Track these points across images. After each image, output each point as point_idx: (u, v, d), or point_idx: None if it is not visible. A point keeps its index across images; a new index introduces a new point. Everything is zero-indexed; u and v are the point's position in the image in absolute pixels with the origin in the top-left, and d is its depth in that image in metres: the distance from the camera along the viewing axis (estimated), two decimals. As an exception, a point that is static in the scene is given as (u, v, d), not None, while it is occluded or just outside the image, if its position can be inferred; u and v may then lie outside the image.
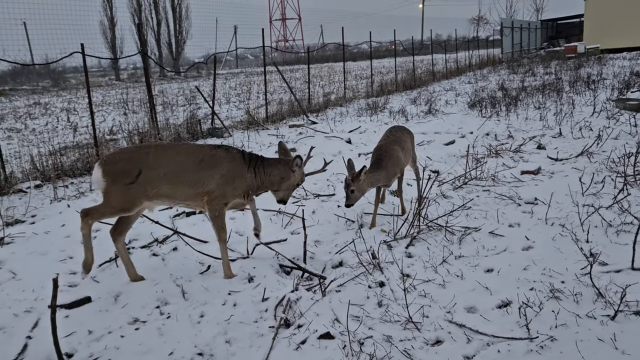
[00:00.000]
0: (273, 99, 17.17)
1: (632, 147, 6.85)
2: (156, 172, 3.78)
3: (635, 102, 10.00)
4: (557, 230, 4.50)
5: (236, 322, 3.37)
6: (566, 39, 43.60)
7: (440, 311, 3.34)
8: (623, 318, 3.12)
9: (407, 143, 5.35)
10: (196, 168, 3.91)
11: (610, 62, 24.73)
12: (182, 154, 4.02)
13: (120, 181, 3.72)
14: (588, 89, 13.83)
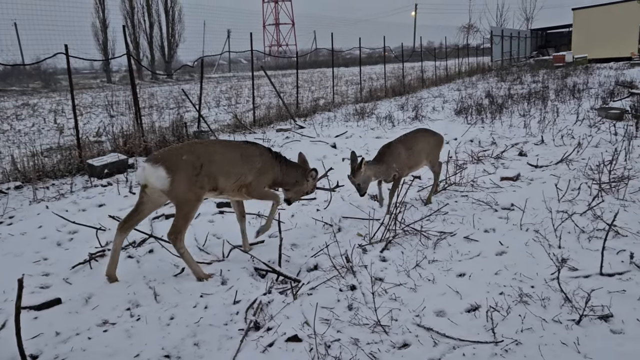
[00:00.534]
0: (263, 103, 17.21)
1: (610, 155, 6.92)
2: (214, 166, 4.04)
3: (616, 111, 10.13)
4: (531, 236, 4.54)
5: (206, 325, 3.37)
6: (555, 48, 44.06)
7: (409, 315, 3.36)
8: (588, 322, 3.15)
9: (418, 145, 5.55)
10: (240, 162, 4.25)
11: (597, 71, 25.03)
12: (228, 148, 4.32)
13: (188, 173, 3.87)
14: (573, 97, 13.98)
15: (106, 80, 41.47)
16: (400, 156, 5.33)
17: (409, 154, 5.43)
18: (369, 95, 18.03)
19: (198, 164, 3.93)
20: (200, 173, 3.93)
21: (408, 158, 5.43)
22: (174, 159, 3.88)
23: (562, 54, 31.88)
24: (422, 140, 5.64)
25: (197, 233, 5.03)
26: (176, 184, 3.83)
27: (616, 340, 2.96)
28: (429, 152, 5.68)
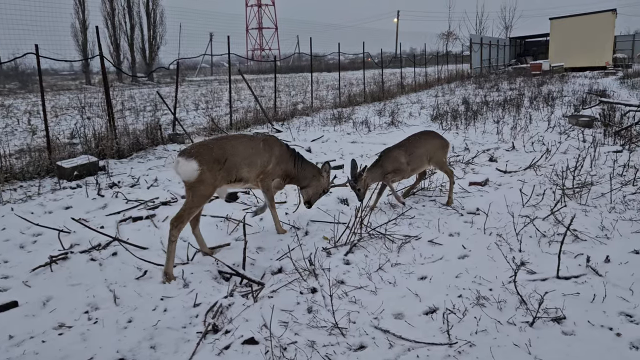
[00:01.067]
0: (242, 106, 17.17)
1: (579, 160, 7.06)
2: (237, 158, 4.47)
3: (586, 118, 10.35)
4: (494, 240, 4.61)
5: (164, 328, 3.34)
6: (534, 56, 44.86)
7: (368, 317, 3.38)
8: (541, 324, 3.21)
9: (420, 149, 5.69)
10: (261, 150, 4.69)
11: (572, 80, 25.54)
12: (249, 141, 4.69)
13: (214, 168, 4.26)
14: (547, 105, 14.24)
15: (85, 82, 40.93)
16: (398, 159, 5.55)
17: (409, 158, 5.61)
18: (348, 101, 18.12)
19: (223, 160, 4.35)
20: (222, 168, 4.34)
21: (409, 162, 5.61)
22: (205, 154, 4.25)
23: (539, 63, 32.50)
24: (424, 143, 5.75)
25: (163, 235, 5.00)
26: (202, 176, 4.19)
27: (566, 342, 3.02)
28: (431, 155, 5.76)
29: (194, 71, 59.04)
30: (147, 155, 9.35)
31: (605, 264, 4.00)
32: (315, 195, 5.21)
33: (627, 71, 28.79)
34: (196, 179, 4.17)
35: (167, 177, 7.56)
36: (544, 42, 44.43)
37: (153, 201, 6.15)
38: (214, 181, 4.29)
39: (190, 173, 4.16)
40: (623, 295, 3.51)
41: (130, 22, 46.47)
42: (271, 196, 4.92)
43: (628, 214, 5.09)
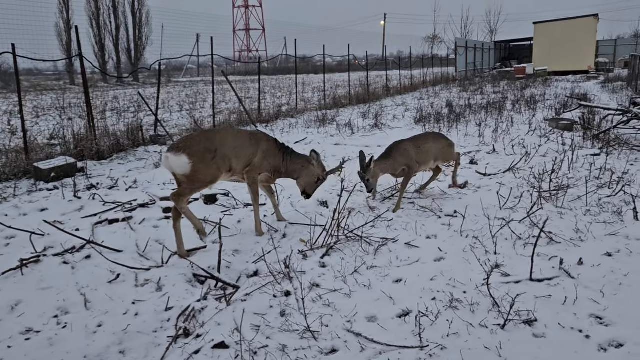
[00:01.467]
0: (227, 108, 17.10)
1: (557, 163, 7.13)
2: (226, 148, 4.61)
3: (566, 122, 10.46)
4: (470, 242, 4.63)
5: (134, 332, 3.30)
6: (518, 60, 45.33)
7: (340, 320, 3.37)
8: (513, 327, 3.22)
9: (427, 145, 5.89)
10: (249, 144, 4.82)
11: (555, 83, 25.84)
12: (237, 133, 4.93)
13: (206, 158, 4.45)
14: (529, 108, 14.38)
15: (69, 82, 40.47)
16: (407, 152, 5.71)
17: (417, 151, 5.79)
18: (333, 103, 18.13)
19: (213, 149, 4.51)
20: (215, 157, 4.51)
21: (417, 155, 5.78)
22: (194, 146, 4.44)
23: (523, 66, 32.84)
24: (431, 140, 5.98)
25: (139, 238, 4.95)
26: (196, 168, 4.39)
27: (536, 345, 3.04)
28: (437, 153, 5.97)
29: (180, 72, 58.71)
30: (127, 157, 9.25)
31: (578, 267, 4.04)
32: (309, 185, 5.17)
33: (609, 75, 29.24)
34: (190, 171, 4.39)
35: (146, 178, 7.49)
36: (528, 46, 44.91)
37: (131, 203, 6.07)
38: (211, 169, 4.49)
39: (182, 167, 4.37)
40: (594, 298, 3.54)
41: (115, 22, 46.10)
42: (255, 190, 4.95)
43: (602, 217, 5.14)
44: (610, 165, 7.22)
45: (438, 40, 58.56)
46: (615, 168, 7.01)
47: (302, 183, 5.18)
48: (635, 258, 4.17)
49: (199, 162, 4.40)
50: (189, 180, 4.45)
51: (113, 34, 46.06)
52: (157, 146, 10.09)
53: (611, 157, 7.91)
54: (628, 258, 4.18)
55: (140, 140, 10.14)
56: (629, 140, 9.03)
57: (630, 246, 4.40)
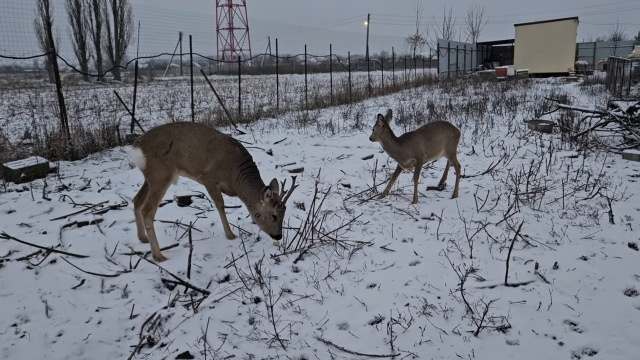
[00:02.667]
0: (208, 107, 16.89)
1: (534, 166, 7.14)
2: (182, 144, 4.42)
3: (545, 123, 10.51)
4: (446, 246, 4.57)
5: (96, 341, 3.16)
6: (500, 62, 45.73)
7: (311, 328, 3.27)
8: (486, 334, 3.16)
9: (437, 136, 6.01)
10: (205, 148, 4.52)
11: (535, 85, 26.08)
12: (200, 133, 4.57)
13: (159, 152, 4.31)
14: (509, 110, 14.45)
15: (49, 80, 39.75)
16: (418, 144, 5.80)
17: (428, 143, 5.89)
18: (315, 103, 18.04)
19: (168, 143, 4.36)
20: (169, 151, 4.35)
21: (427, 147, 5.89)
22: (149, 140, 4.34)
23: (505, 68, 33.11)
24: (442, 131, 6.07)
25: (108, 242, 4.79)
26: (149, 163, 4.30)
27: (510, 352, 2.98)
28: (447, 143, 6.10)
29: (163, 70, 58.10)
30: (102, 157, 9.04)
31: (554, 271, 4.00)
32: (268, 227, 4.48)
33: (588, 78, 29.63)
34: (145, 166, 4.32)
35: (120, 179, 7.31)
36: (509, 48, 45.35)
37: (102, 205, 5.91)
38: (164, 165, 4.35)
39: (138, 160, 4.33)
40: (568, 303, 3.49)
41: (96, 20, 45.46)
42: (215, 196, 4.71)
43: (579, 220, 5.13)
44: (588, 167, 7.24)
45: (420, 41, 58.85)
46: (592, 170, 7.03)
47: (252, 215, 4.60)
48: (610, 262, 4.15)
49: (152, 157, 4.30)
50: (147, 179, 4.39)
51: (94, 32, 45.42)
52: (133, 146, 9.89)
53: (588, 159, 7.95)
54: (603, 262, 4.16)
55: (116, 140, 9.92)
56: (606, 142, 9.10)
57: (605, 250, 4.38)
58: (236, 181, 4.60)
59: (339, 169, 7.67)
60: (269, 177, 7.34)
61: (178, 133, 4.45)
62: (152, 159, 4.29)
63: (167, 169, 4.38)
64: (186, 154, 4.46)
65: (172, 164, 4.40)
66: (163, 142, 4.36)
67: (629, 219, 5.12)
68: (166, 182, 4.42)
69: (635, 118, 9.24)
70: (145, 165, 4.31)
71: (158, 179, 4.35)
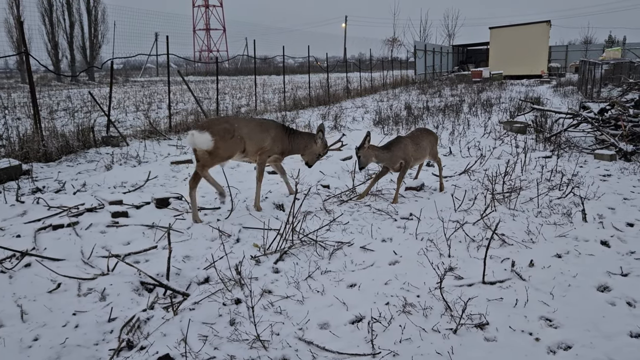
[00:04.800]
0: (185, 108, 16.73)
1: (510, 166, 7.27)
2: (243, 131, 5.50)
3: (520, 124, 10.72)
4: (425, 245, 4.62)
5: (73, 346, 3.11)
6: (475, 64, 46.41)
7: (292, 328, 3.28)
8: (465, 331, 3.21)
9: (423, 141, 6.32)
10: (259, 129, 5.69)
11: (510, 87, 26.55)
12: (249, 120, 5.88)
13: (226, 137, 5.33)
14: (484, 111, 14.69)
15: (20, 80, 38.85)
16: (407, 148, 6.04)
17: (415, 147, 6.15)
18: (293, 104, 18.04)
19: (232, 130, 5.38)
20: (234, 136, 5.38)
21: (415, 151, 6.14)
22: (216, 126, 5.33)
23: (480, 70, 33.61)
24: (426, 137, 6.42)
25: (84, 245, 4.72)
26: (217, 144, 5.25)
27: (488, 349, 3.03)
28: (431, 148, 6.46)
29: (139, 71, 57.35)
30: (77, 159, 8.88)
31: (529, 268, 4.09)
32: (311, 159, 6.13)
33: (560, 80, 30.29)
34: (213, 147, 5.23)
35: (96, 181, 7.20)
36: (484, 50, 46.05)
37: (77, 208, 5.80)
38: (228, 148, 5.37)
39: (205, 143, 5.19)
40: (544, 300, 3.57)
41: (69, 19, 44.62)
42: (261, 170, 5.79)
43: (553, 218, 5.25)
44: (561, 167, 7.41)
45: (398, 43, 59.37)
46: (566, 170, 7.20)
47: (306, 158, 6.16)
48: (584, 259, 4.26)
49: (220, 140, 5.26)
50: (210, 156, 5.31)
51: (67, 32, 44.59)
52: (109, 147, 9.74)
53: (562, 159, 8.14)
54: (577, 259, 4.26)
55: (92, 142, 9.76)
56: (578, 143, 9.32)
57: (578, 247, 4.49)
58: (289, 142, 5.90)
59: (318, 170, 7.69)
60: (248, 179, 7.35)
61: (238, 123, 5.54)
62: (219, 142, 5.24)
63: (230, 151, 5.43)
64: (247, 138, 5.52)
65: (235, 148, 5.45)
66: (228, 129, 5.34)
67: (601, 217, 5.26)
68: (227, 158, 5.49)
69: (606, 119, 9.50)
70: (213, 147, 5.23)
71: (222, 155, 5.36)
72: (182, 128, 12.29)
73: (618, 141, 8.44)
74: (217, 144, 5.26)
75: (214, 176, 5.58)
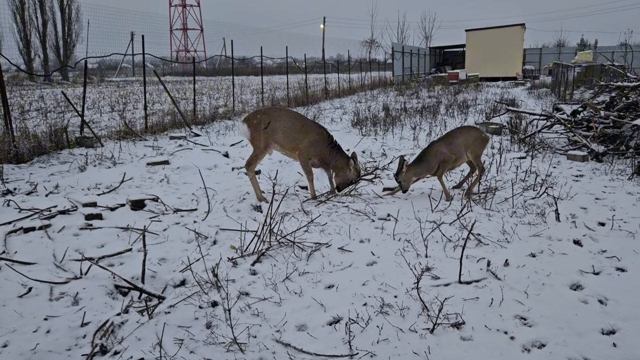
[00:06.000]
0: (162, 109, 16.52)
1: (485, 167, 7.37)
2: (278, 124, 5.88)
3: (495, 126, 10.88)
4: (402, 245, 4.64)
5: (44, 352, 3.04)
6: (452, 66, 46.95)
7: (269, 330, 3.26)
8: (441, 331, 3.23)
9: (457, 139, 6.08)
10: (299, 129, 5.94)
11: (486, 89, 26.93)
12: (293, 117, 6.03)
13: (258, 128, 5.85)
14: (461, 112, 14.86)
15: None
16: (439, 152, 5.98)
17: (449, 148, 6.02)
18: (271, 105, 17.97)
19: (267, 121, 5.83)
20: (267, 128, 5.83)
21: (451, 151, 6.01)
22: (252, 118, 5.91)
23: (457, 72, 34.04)
24: (463, 134, 6.13)
25: (57, 248, 4.61)
26: (252, 135, 5.90)
27: (464, 348, 3.06)
28: (468, 145, 6.09)
29: (114, 71, 56.45)
30: (50, 160, 8.69)
31: (505, 268, 4.14)
32: (343, 184, 6.15)
33: (535, 82, 30.85)
34: (250, 136, 5.94)
35: (69, 183, 7.05)
36: (461, 53, 46.62)
37: (50, 210, 5.67)
38: (262, 137, 5.85)
39: (245, 132, 5.95)
40: (519, 298, 3.62)
41: (42, 18, 43.66)
42: (307, 170, 6.07)
43: (527, 218, 5.33)
44: (535, 168, 7.54)
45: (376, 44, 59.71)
46: (540, 171, 7.33)
47: (337, 180, 6.15)
48: (557, 258, 4.33)
49: (254, 130, 5.84)
50: (252, 145, 5.98)
51: (40, 30, 43.63)
52: (83, 148, 9.55)
53: (536, 160, 8.28)
54: (550, 258, 4.33)
55: (65, 143, 9.56)
56: (552, 144, 9.50)
57: (552, 247, 4.57)
58: (329, 155, 6.00)
59: (296, 171, 7.67)
60: (225, 180, 7.29)
61: (276, 115, 5.91)
62: (254, 132, 5.84)
63: (265, 141, 5.86)
64: (281, 132, 5.87)
65: (269, 138, 5.87)
66: (263, 120, 5.83)
67: (573, 216, 5.36)
68: (264, 149, 5.94)
69: (579, 121, 9.70)
70: (250, 136, 5.89)
71: (258, 146, 5.90)
72: (159, 129, 12.14)
73: (590, 142, 8.62)
74: (253, 134, 5.84)
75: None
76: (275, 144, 5.93)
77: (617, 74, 15.44)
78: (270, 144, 5.90)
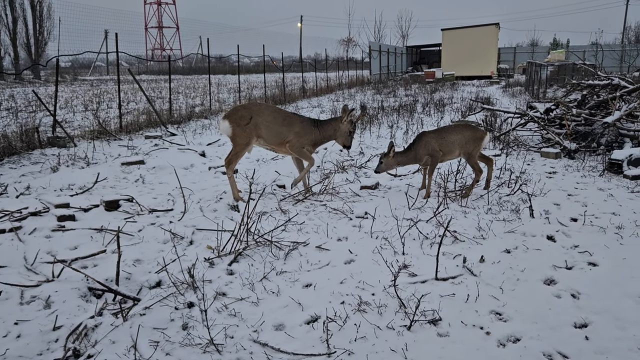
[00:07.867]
0: (137, 108, 16.27)
1: (461, 164, 7.44)
2: (260, 119, 5.82)
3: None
4: (380, 243, 4.66)
5: (15, 357, 2.96)
6: (428, 65, 47.37)
7: (247, 330, 3.23)
8: (419, 327, 3.25)
9: (452, 136, 6.05)
10: (281, 123, 5.90)
11: (462, 87, 27.24)
12: (274, 111, 5.99)
13: (240, 124, 5.77)
14: (437, 111, 15.01)
15: (-44, 79, 36.81)
16: (429, 143, 5.98)
17: (441, 142, 6.01)
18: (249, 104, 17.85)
19: (248, 117, 5.77)
20: (249, 123, 5.76)
21: (440, 145, 6.01)
22: (233, 114, 5.82)
23: (433, 71, 34.34)
24: (459, 132, 6.09)
25: (28, 250, 4.50)
26: (234, 131, 5.79)
27: (441, 344, 3.08)
28: (462, 144, 6.05)
29: (88, 70, 55.38)
30: (20, 161, 8.48)
31: (480, 264, 4.19)
32: (345, 140, 6.17)
33: (509, 81, 31.34)
34: (231, 133, 5.81)
35: (41, 184, 6.88)
36: (437, 52, 47.07)
37: (20, 212, 5.53)
38: (245, 133, 5.78)
39: (226, 129, 5.82)
40: (494, 294, 3.67)
41: (12, 15, 42.58)
42: (306, 157, 6.03)
43: (502, 215, 5.40)
44: (510, 165, 7.65)
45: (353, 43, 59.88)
46: (514, 168, 7.44)
47: (339, 141, 6.19)
48: (531, 254, 4.40)
49: (236, 127, 5.75)
50: (232, 143, 5.87)
51: (9, 28, 42.55)
52: (55, 149, 9.34)
53: (510, 157, 8.41)
54: (525, 254, 4.40)
55: (36, 143, 9.34)
56: (526, 141, 9.66)
57: (526, 242, 4.64)
58: (319, 135, 6.04)
59: (273, 170, 7.65)
60: (202, 179, 7.22)
61: (257, 110, 5.85)
62: (236, 128, 5.74)
63: (247, 137, 5.79)
64: (263, 126, 5.82)
65: (252, 134, 5.81)
66: (244, 115, 5.76)
67: (547, 213, 5.46)
68: (246, 146, 5.87)
69: (551, 119, 9.88)
70: (232, 133, 5.77)
71: (240, 143, 5.82)
72: (134, 128, 11.95)
73: (562, 140, 8.79)
74: (234, 131, 5.75)
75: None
76: (259, 138, 5.88)
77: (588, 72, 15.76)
78: (252, 140, 5.84)
